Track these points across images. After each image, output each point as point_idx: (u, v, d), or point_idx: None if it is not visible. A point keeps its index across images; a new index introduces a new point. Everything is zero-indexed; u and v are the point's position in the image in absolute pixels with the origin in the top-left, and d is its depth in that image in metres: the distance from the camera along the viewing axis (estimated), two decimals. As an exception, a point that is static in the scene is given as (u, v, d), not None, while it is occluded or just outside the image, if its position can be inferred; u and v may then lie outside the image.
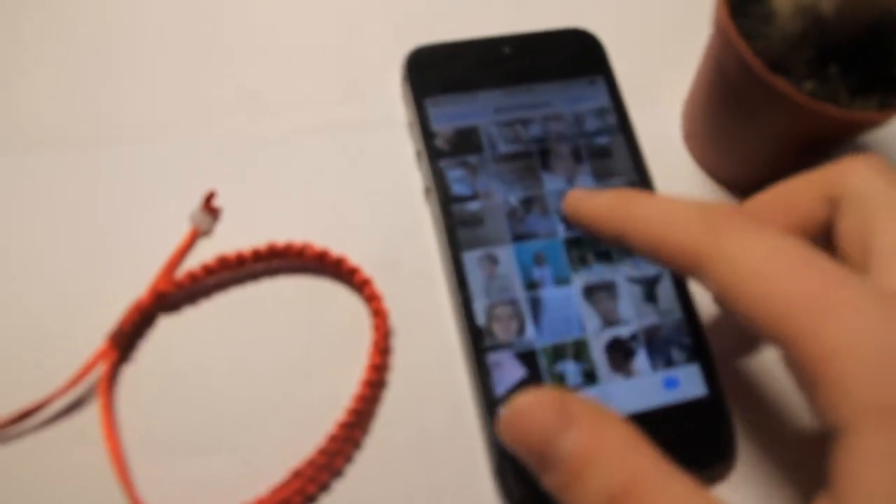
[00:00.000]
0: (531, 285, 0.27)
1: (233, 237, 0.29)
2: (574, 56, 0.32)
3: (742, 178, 0.32)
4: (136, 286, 0.28)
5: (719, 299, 0.19)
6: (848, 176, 0.20)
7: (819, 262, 0.17)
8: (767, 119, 0.27)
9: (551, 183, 0.29)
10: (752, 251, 0.18)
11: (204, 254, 0.29)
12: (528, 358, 0.26)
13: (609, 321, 0.27)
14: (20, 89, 0.32)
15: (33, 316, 0.27)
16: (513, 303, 0.27)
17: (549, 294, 0.28)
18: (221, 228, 0.29)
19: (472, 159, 0.29)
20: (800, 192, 0.22)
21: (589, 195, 0.23)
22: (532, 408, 0.19)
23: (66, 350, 0.26)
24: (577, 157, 0.30)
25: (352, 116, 0.32)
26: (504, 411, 0.20)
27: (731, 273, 0.18)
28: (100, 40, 0.33)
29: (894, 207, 0.19)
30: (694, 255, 0.19)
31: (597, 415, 0.19)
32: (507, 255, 0.28)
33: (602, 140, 0.30)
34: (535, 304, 0.27)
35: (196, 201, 0.29)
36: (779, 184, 0.22)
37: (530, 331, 0.27)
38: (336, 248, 0.28)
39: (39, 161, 0.30)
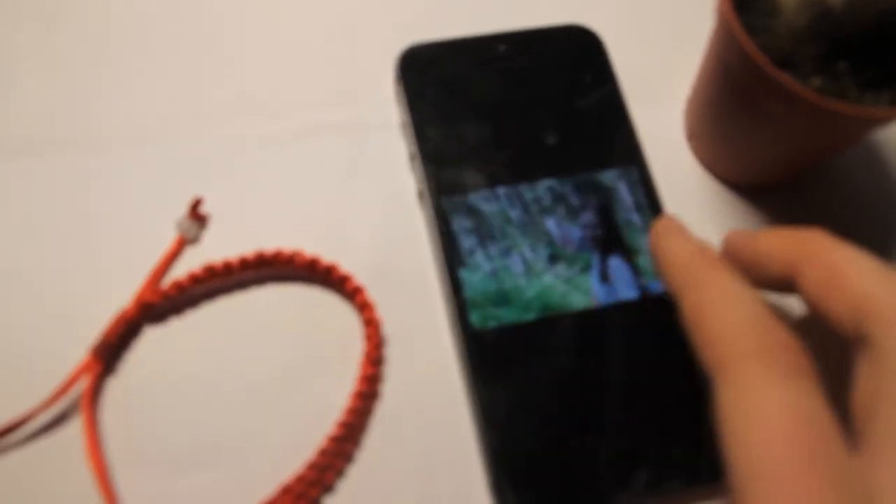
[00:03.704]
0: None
1: (221, 245, 0.28)
2: (573, 54, 0.31)
3: (748, 179, 0.31)
4: (121, 296, 0.27)
5: (715, 410, 0.19)
6: (889, 320, 0.18)
7: (818, 449, 0.17)
8: (773, 117, 0.26)
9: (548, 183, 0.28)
10: (766, 395, 0.17)
11: (191, 262, 0.28)
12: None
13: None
14: (3, 92, 0.31)
15: (14, 328, 0.27)
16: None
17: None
18: (209, 236, 0.29)
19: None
20: (830, 291, 0.20)
21: (672, 236, 0.23)
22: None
23: (48, 363, 0.26)
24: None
25: (344, 118, 0.31)
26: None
27: (735, 400, 0.18)
28: (84, 44, 0.32)
29: None
30: (720, 363, 0.19)
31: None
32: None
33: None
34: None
35: (182, 208, 0.28)
36: (821, 252, 0.20)
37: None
38: (327, 255, 0.28)
39: (21, 167, 0.29)
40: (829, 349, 0.20)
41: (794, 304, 0.24)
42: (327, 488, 0.25)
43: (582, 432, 0.25)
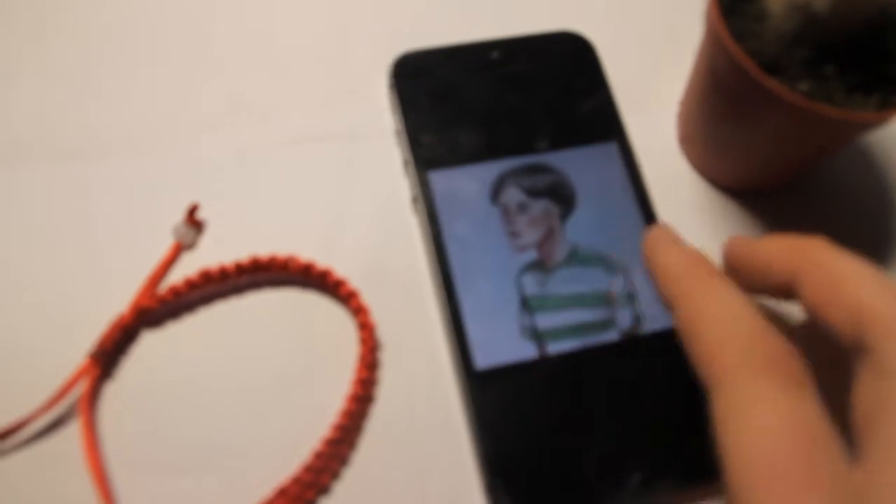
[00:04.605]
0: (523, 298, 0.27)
1: (217, 250, 0.28)
2: (565, 60, 0.31)
3: (739, 182, 0.31)
4: (118, 301, 0.27)
5: (713, 421, 0.19)
6: (889, 329, 0.18)
7: (816, 461, 0.17)
8: (762, 121, 0.26)
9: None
10: (762, 408, 0.18)
11: (187, 268, 0.28)
12: (518, 371, 0.26)
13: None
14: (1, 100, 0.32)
15: (12, 333, 0.27)
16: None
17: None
18: (205, 241, 0.29)
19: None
20: (830, 299, 0.20)
21: (666, 246, 0.23)
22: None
23: (46, 368, 0.26)
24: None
25: (339, 125, 0.32)
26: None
27: (732, 412, 0.18)
28: (80, 53, 0.33)
29: None
30: (716, 375, 0.19)
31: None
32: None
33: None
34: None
35: (179, 214, 0.29)
36: (823, 259, 0.20)
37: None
38: (322, 260, 0.28)
39: (18, 174, 0.30)
40: (830, 357, 0.20)
41: (793, 311, 0.24)
42: (323, 490, 0.25)
43: (576, 433, 0.25)
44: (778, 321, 0.21)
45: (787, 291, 0.21)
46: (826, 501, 0.16)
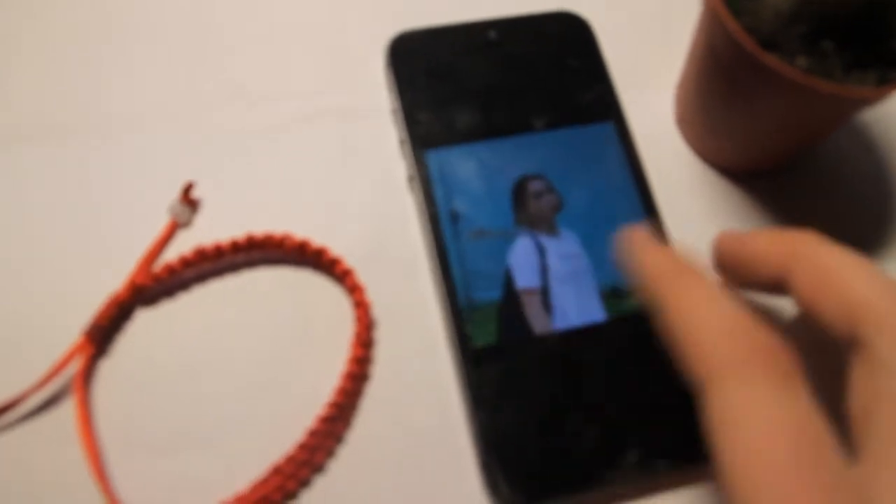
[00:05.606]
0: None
1: (212, 229, 0.28)
2: (562, 40, 0.31)
3: (737, 163, 0.31)
4: (114, 279, 0.27)
5: (704, 421, 0.18)
6: (883, 322, 0.18)
7: (810, 457, 0.16)
8: (760, 98, 0.26)
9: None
10: (753, 406, 0.17)
11: (182, 246, 0.28)
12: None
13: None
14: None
15: (7, 310, 0.27)
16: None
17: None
18: (201, 220, 0.29)
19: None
20: (822, 293, 0.20)
21: (646, 248, 0.22)
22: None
23: (41, 345, 0.26)
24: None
25: (335, 105, 0.31)
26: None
27: (723, 410, 0.18)
28: (78, 32, 0.33)
29: None
30: (704, 374, 0.18)
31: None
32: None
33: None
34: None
35: (175, 192, 0.29)
36: (818, 257, 0.20)
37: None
38: (318, 239, 0.28)
39: (14, 152, 0.30)
40: (825, 351, 0.20)
41: (785, 306, 0.24)
42: (317, 469, 0.25)
43: (571, 411, 0.25)
44: (768, 317, 0.21)
45: (779, 287, 0.21)
46: (827, 502, 0.16)
